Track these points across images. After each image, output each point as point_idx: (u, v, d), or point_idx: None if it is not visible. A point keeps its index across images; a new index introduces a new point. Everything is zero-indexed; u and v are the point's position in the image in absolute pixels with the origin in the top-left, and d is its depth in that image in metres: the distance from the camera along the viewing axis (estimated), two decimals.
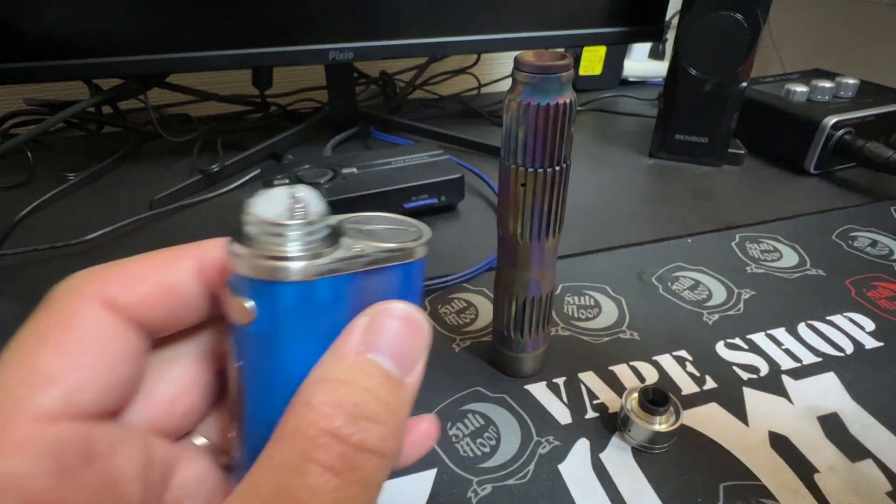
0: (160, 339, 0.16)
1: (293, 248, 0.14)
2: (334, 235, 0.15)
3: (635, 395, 0.27)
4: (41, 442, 0.12)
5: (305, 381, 0.14)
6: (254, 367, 0.15)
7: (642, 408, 0.27)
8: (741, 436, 0.28)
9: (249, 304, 0.14)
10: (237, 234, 0.14)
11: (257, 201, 0.14)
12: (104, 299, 0.14)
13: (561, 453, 0.27)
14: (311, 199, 0.14)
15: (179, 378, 0.17)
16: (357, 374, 0.14)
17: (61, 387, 0.13)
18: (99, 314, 0.14)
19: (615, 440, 0.27)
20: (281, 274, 0.14)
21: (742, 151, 0.57)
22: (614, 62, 0.80)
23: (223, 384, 0.18)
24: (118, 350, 0.14)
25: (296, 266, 0.14)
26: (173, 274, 0.16)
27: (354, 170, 0.46)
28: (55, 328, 0.14)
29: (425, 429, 0.19)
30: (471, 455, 0.27)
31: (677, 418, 0.27)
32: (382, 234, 0.16)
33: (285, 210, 0.14)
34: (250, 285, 0.14)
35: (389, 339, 0.15)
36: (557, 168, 0.24)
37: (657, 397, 0.27)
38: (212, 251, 0.16)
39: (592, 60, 0.79)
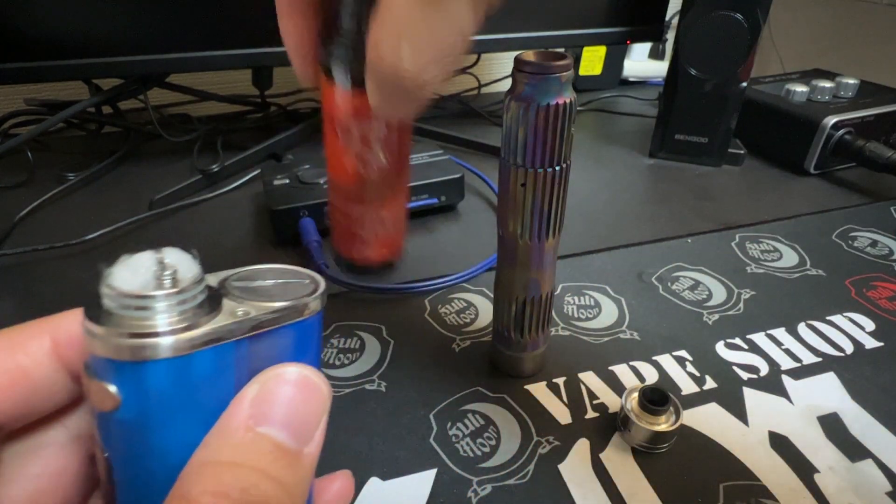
0: (15, 429, 0.14)
1: (160, 321, 0.12)
2: (215, 299, 0.13)
3: (635, 395, 0.27)
4: None
5: (186, 468, 0.12)
6: (125, 457, 0.13)
7: (642, 408, 0.27)
8: (741, 436, 0.28)
9: (112, 388, 0.12)
10: (94, 308, 0.12)
11: (116, 271, 0.12)
12: None
13: (561, 453, 0.27)
14: (181, 264, 0.13)
15: (41, 474, 0.15)
16: (245, 453, 0.12)
17: None
18: None
19: (615, 440, 0.27)
20: (147, 353, 0.12)
21: (742, 151, 0.57)
22: (614, 62, 0.80)
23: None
24: None
25: (164, 342, 0.12)
26: (22, 357, 0.14)
27: None
28: None
29: (338, 488, 0.17)
30: (471, 455, 0.27)
31: (677, 418, 0.27)
32: (271, 290, 0.15)
33: (150, 279, 0.12)
34: (111, 367, 0.12)
35: (282, 408, 0.13)
36: (557, 168, 0.24)
37: (657, 397, 0.27)
38: (70, 325, 0.14)
39: (592, 60, 0.79)
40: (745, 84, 0.53)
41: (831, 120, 0.51)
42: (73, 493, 0.15)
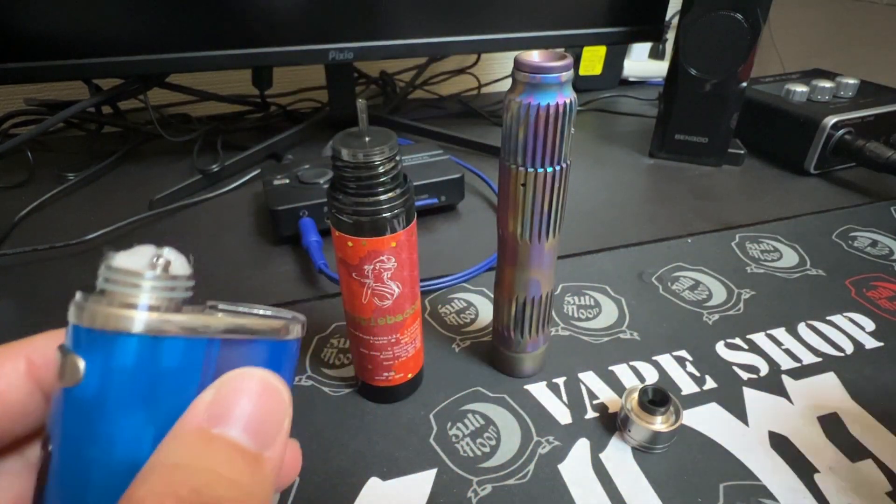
0: None
1: (144, 297, 0.12)
2: (200, 304, 0.14)
3: (635, 395, 0.27)
4: None
5: (138, 475, 0.12)
6: (68, 445, 0.12)
7: (642, 408, 0.27)
8: (741, 436, 0.28)
9: (80, 362, 0.12)
10: (88, 289, 0.13)
11: (117, 254, 0.13)
12: None
13: (561, 453, 0.27)
14: (176, 260, 0.13)
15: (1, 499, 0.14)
16: (198, 454, 0.12)
17: None
18: None
19: (615, 440, 0.27)
20: (120, 323, 0.12)
21: (742, 151, 0.57)
22: (614, 62, 0.80)
23: None
24: None
25: (140, 316, 0.12)
26: None
27: None
28: None
29: (287, 459, 0.17)
30: (471, 455, 0.27)
31: (677, 418, 0.27)
32: (255, 311, 0.15)
33: (144, 263, 0.13)
34: (84, 337, 0.12)
35: (243, 410, 0.13)
36: (557, 168, 0.24)
37: (657, 397, 0.27)
38: (45, 346, 0.14)
39: (592, 60, 0.79)
40: (745, 84, 0.53)
41: (831, 120, 0.51)
42: None
